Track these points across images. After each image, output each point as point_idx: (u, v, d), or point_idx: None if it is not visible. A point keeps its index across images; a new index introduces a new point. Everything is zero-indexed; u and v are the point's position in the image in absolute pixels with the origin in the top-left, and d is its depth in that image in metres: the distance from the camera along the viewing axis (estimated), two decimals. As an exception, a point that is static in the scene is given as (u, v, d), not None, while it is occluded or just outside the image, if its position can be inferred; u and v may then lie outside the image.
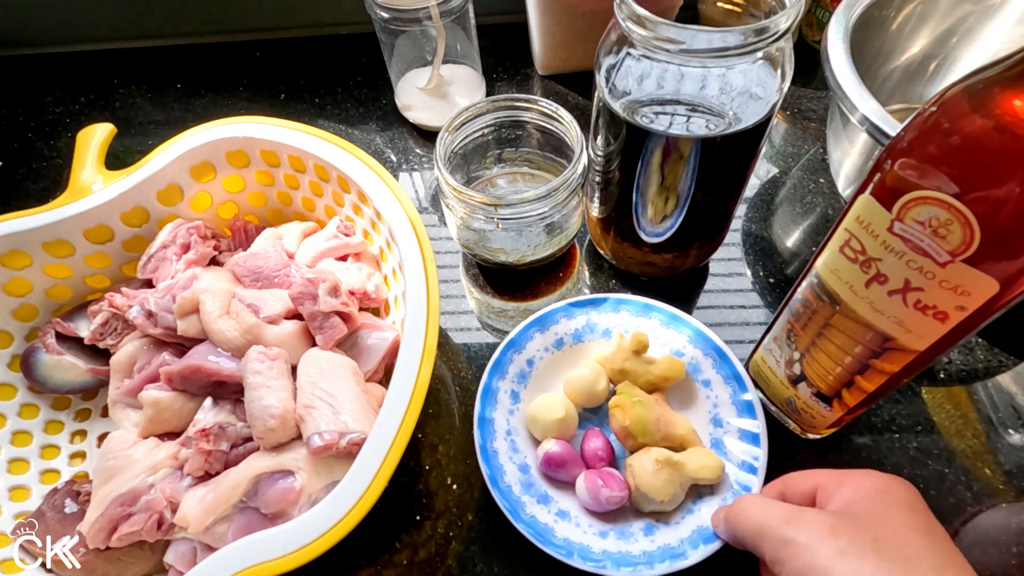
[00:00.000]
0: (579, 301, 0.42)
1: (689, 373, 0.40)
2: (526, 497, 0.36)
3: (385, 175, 0.38)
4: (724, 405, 0.38)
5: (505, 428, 0.38)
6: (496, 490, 0.35)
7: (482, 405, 0.38)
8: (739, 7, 0.33)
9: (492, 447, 0.37)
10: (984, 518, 0.36)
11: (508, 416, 0.39)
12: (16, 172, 0.57)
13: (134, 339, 0.38)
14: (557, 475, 0.37)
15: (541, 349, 0.41)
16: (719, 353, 0.39)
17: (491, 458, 0.37)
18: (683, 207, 0.38)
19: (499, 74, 0.61)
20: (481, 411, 0.38)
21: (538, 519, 0.35)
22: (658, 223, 0.40)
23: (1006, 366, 0.42)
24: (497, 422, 0.38)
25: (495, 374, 0.39)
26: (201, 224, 0.42)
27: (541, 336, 0.41)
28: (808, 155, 0.53)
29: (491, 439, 0.37)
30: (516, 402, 0.40)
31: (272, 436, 0.33)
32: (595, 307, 0.42)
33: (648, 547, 0.34)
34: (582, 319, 0.42)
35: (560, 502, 0.36)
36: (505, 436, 0.38)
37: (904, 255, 0.23)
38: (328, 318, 0.36)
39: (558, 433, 0.37)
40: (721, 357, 0.39)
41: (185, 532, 0.33)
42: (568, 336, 0.42)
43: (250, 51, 0.65)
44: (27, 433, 0.39)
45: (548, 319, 0.42)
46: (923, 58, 0.49)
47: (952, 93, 0.21)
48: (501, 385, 0.39)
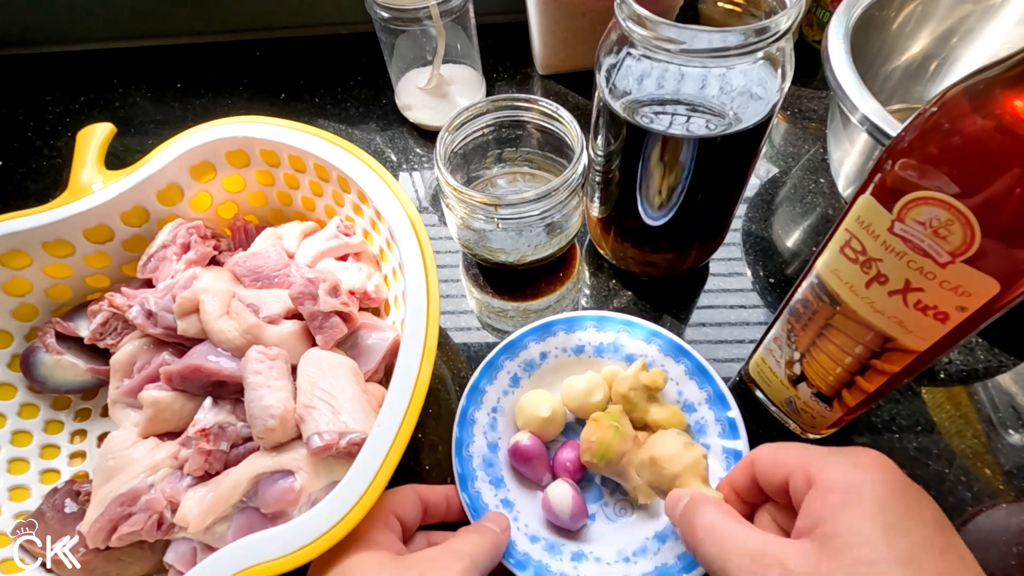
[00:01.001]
0: (620, 319, 0.41)
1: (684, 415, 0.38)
2: (480, 472, 0.37)
3: (385, 175, 0.38)
4: (713, 451, 0.37)
5: (493, 404, 0.39)
6: (457, 455, 0.36)
7: (480, 376, 0.39)
8: (739, 7, 0.33)
9: (473, 416, 0.38)
10: (984, 518, 0.36)
11: (501, 395, 0.39)
12: (16, 172, 0.57)
13: (134, 339, 0.38)
14: (520, 468, 0.37)
15: (559, 348, 0.41)
16: (720, 397, 0.38)
17: (467, 424, 0.38)
18: (683, 207, 0.38)
19: (499, 74, 0.61)
20: (476, 380, 0.39)
21: (482, 497, 0.36)
22: (658, 218, 0.40)
23: (1006, 366, 0.42)
24: (488, 395, 0.39)
25: (505, 352, 0.40)
26: (201, 224, 0.42)
27: (565, 336, 0.41)
28: (808, 155, 0.53)
29: (476, 408, 0.38)
30: (515, 386, 0.40)
31: (272, 436, 0.33)
32: (629, 328, 0.41)
33: (568, 571, 0.34)
34: (611, 335, 0.41)
35: (511, 491, 0.37)
36: (490, 411, 0.39)
37: (904, 255, 0.23)
38: (328, 318, 0.36)
39: (538, 430, 0.38)
40: (720, 400, 0.38)
41: (185, 532, 0.33)
42: (591, 346, 0.41)
43: (250, 51, 0.65)
44: (27, 433, 0.39)
45: (576, 323, 0.41)
46: (923, 58, 0.49)
47: (953, 93, 0.21)
48: (507, 364, 0.40)
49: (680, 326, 0.45)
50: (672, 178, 0.36)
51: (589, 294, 0.47)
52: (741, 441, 0.36)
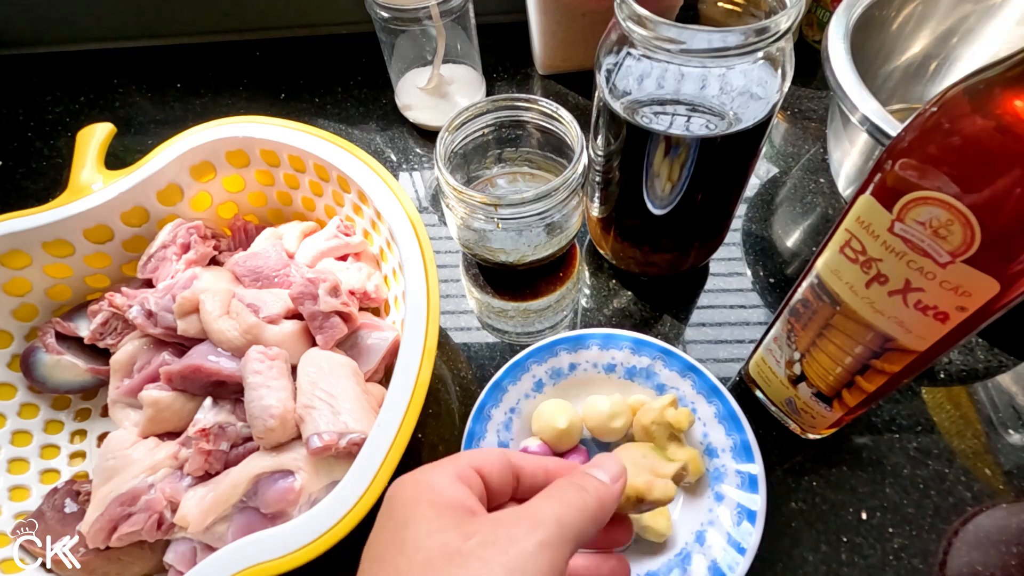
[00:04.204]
0: (658, 346, 0.40)
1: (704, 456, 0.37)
2: None
3: (385, 175, 0.38)
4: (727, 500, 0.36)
5: (512, 404, 0.39)
6: (467, 448, 0.36)
7: (504, 374, 0.39)
8: (739, 7, 0.33)
9: (489, 412, 0.38)
10: (984, 518, 0.36)
11: (522, 397, 0.39)
12: (16, 172, 0.57)
13: (134, 339, 0.38)
14: None
15: (590, 362, 0.40)
16: (745, 446, 0.36)
17: (482, 419, 0.38)
18: (683, 207, 0.38)
19: (499, 74, 0.61)
20: (500, 377, 0.38)
21: None
22: (658, 218, 0.40)
23: (1006, 366, 0.42)
24: (508, 395, 0.39)
25: (534, 356, 0.40)
26: (201, 224, 0.42)
27: (598, 351, 0.40)
28: (808, 155, 0.53)
29: (494, 405, 0.38)
30: (538, 391, 0.40)
31: (272, 436, 0.33)
32: (666, 357, 0.40)
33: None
34: (646, 360, 0.40)
35: None
36: (508, 411, 0.39)
37: (905, 255, 0.23)
38: (328, 318, 0.36)
39: (552, 440, 0.37)
40: (746, 449, 0.36)
41: (185, 532, 0.33)
42: (623, 367, 0.40)
43: (250, 51, 0.65)
44: (27, 433, 0.39)
45: (612, 340, 0.40)
46: (923, 58, 0.49)
47: (953, 93, 0.21)
48: (533, 368, 0.40)
49: (680, 326, 0.45)
50: (672, 178, 0.36)
51: (589, 294, 0.47)
52: (758, 497, 0.35)
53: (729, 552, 0.34)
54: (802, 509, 0.37)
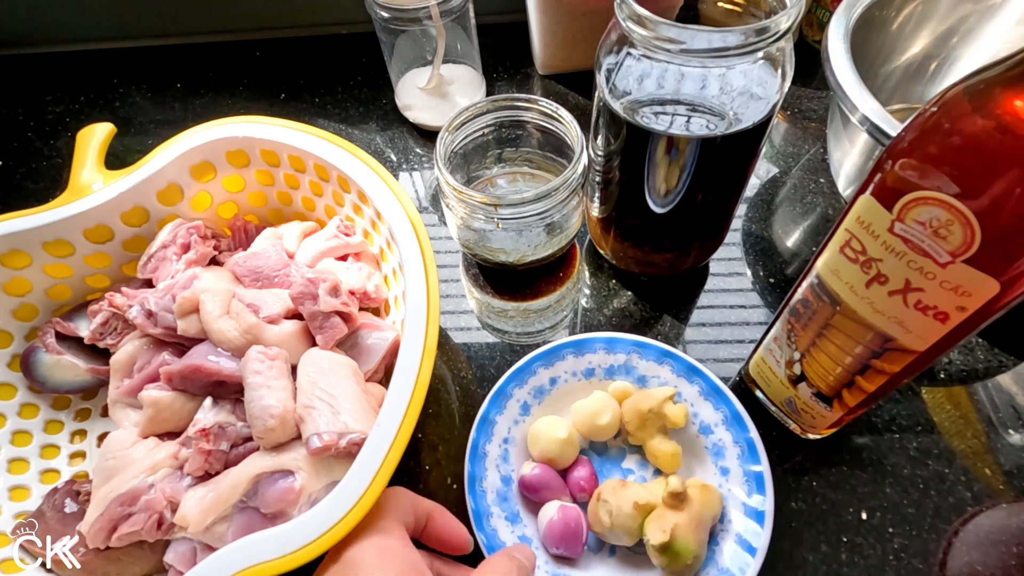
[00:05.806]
0: (630, 340, 0.40)
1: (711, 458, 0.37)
2: (495, 508, 0.36)
3: (385, 175, 0.38)
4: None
5: (504, 435, 0.38)
6: (471, 491, 0.35)
7: (489, 406, 0.38)
8: (739, 7, 0.33)
9: (484, 449, 0.37)
10: (984, 518, 0.36)
11: (512, 425, 0.39)
12: (16, 172, 0.57)
13: (134, 339, 0.38)
14: (533, 499, 0.37)
15: (568, 372, 0.40)
16: (751, 446, 0.36)
17: (478, 459, 0.37)
18: (683, 207, 0.38)
19: (499, 74, 0.61)
20: (486, 411, 0.38)
21: (499, 535, 0.35)
22: (658, 218, 0.40)
23: (1006, 366, 0.42)
24: (498, 426, 0.38)
25: (513, 380, 0.39)
26: (201, 224, 0.42)
27: (574, 359, 0.40)
28: (808, 155, 0.53)
29: (487, 441, 0.37)
30: (525, 414, 0.39)
31: (272, 436, 0.33)
32: (640, 349, 0.40)
33: None
34: (621, 356, 0.40)
35: (528, 527, 0.36)
36: (502, 443, 0.38)
37: (905, 255, 0.23)
38: (328, 318, 0.36)
39: (557, 455, 0.37)
40: (751, 449, 0.36)
41: (185, 532, 0.33)
42: (601, 369, 0.40)
43: (250, 51, 0.65)
44: (27, 433, 0.39)
45: (584, 345, 0.40)
46: (924, 58, 0.49)
47: (953, 93, 0.21)
48: (516, 392, 0.39)
49: (680, 326, 0.45)
50: (672, 178, 0.36)
51: (589, 294, 0.47)
52: (762, 465, 0.35)
53: (739, 553, 0.34)
54: (802, 509, 0.37)
